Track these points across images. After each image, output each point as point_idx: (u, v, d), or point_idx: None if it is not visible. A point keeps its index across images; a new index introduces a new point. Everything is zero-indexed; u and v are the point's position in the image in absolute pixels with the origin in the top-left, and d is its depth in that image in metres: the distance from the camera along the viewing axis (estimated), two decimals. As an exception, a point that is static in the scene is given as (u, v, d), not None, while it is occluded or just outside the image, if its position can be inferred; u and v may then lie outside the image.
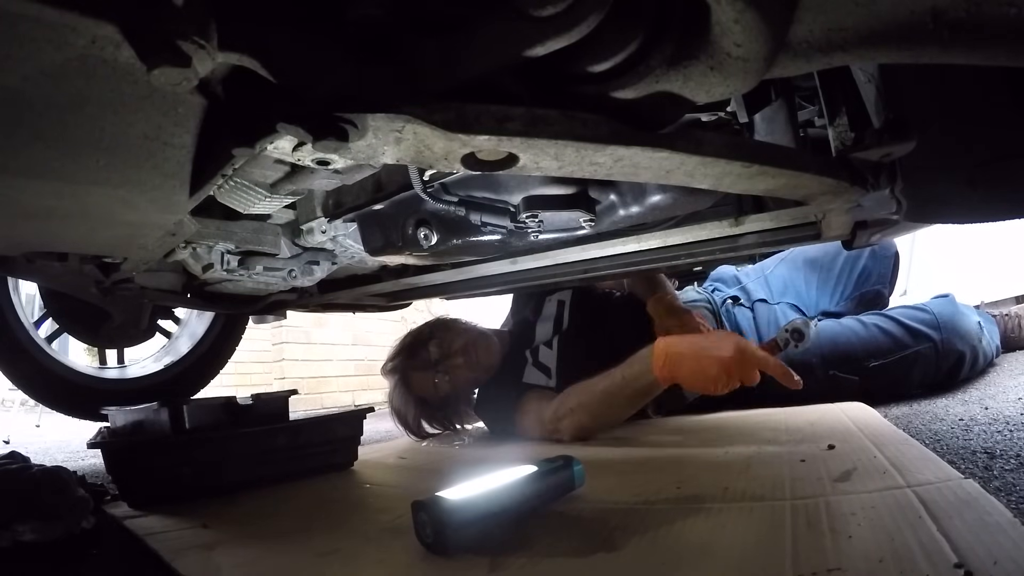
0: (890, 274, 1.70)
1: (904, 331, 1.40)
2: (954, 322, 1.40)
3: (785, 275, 1.76)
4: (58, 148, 0.53)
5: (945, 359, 1.38)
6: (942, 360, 1.38)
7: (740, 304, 1.69)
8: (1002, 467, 0.68)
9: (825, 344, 1.43)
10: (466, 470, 0.70)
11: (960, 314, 1.43)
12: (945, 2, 0.38)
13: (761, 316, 1.63)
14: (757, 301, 1.68)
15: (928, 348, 1.37)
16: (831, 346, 1.43)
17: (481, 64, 0.45)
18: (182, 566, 0.61)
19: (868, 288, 1.68)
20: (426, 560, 0.57)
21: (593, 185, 0.82)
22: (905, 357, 1.37)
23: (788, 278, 1.75)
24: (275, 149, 0.55)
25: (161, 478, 0.94)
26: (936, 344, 1.37)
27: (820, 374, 1.40)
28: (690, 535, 0.56)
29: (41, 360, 1.44)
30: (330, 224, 0.96)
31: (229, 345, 1.80)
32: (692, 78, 0.47)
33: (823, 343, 1.43)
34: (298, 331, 4.31)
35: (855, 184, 0.68)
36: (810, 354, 1.42)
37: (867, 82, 0.64)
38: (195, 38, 0.36)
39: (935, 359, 1.37)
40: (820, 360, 1.42)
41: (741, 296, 1.72)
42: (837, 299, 1.70)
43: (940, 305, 1.45)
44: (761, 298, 1.70)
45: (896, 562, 0.43)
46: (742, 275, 1.82)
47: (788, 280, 1.75)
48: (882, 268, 1.68)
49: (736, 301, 1.69)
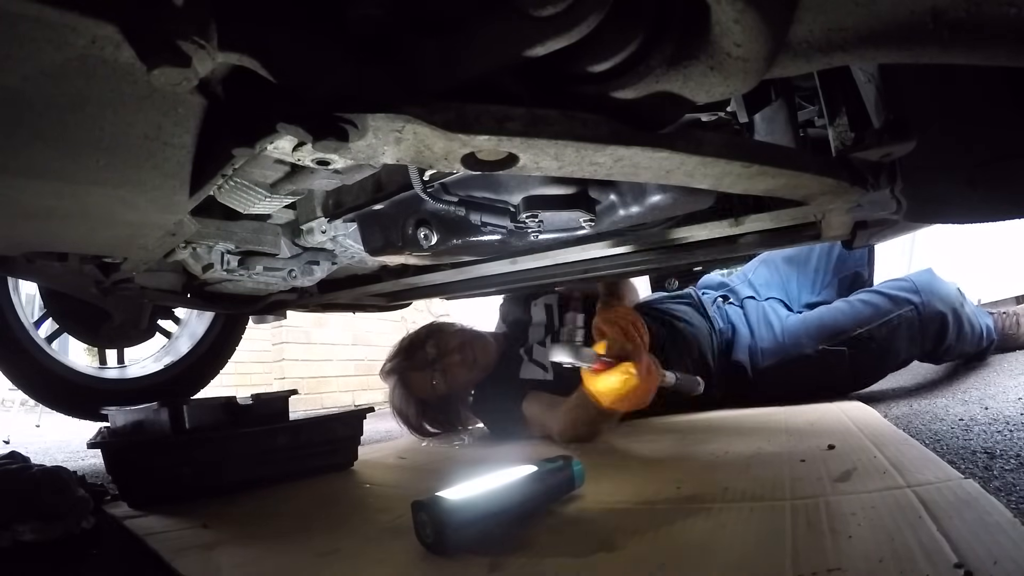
0: (866, 256, 1.75)
1: (886, 299, 1.47)
2: (932, 285, 1.47)
3: (766, 274, 1.83)
4: (58, 148, 0.53)
5: (929, 323, 1.43)
6: (925, 323, 1.43)
7: (730, 302, 1.76)
8: (1002, 467, 0.68)
9: (812, 326, 1.51)
10: (466, 470, 0.70)
11: (938, 280, 1.50)
12: (945, 2, 0.38)
13: (751, 311, 1.69)
14: (746, 298, 1.75)
15: (910, 311, 1.43)
16: (818, 325, 1.51)
17: (481, 64, 0.45)
18: (182, 566, 0.61)
19: (846, 272, 1.74)
20: (426, 560, 0.57)
21: (593, 185, 0.82)
22: (888, 322, 1.43)
23: (769, 277, 1.82)
24: (275, 149, 0.55)
25: (161, 478, 0.94)
26: (917, 307, 1.43)
27: (811, 352, 1.48)
28: (690, 535, 0.56)
29: (41, 360, 1.44)
30: (330, 224, 0.96)
31: (229, 345, 1.80)
32: (692, 78, 0.47)
33: (810, 326, 1.52)
34: (298, 331, 4.31)
35: (855, 184, 0.68)
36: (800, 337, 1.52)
37: (867, 82, 0.64)
38: (195, 38, 0.36)
39: (918, 322, 1.43)
40: (809, 340, 1.50)
41: (730, 295, 1.79)
42: (818, 288, 1.76)
43: (918, 274, 1.52)
44: (749, 295, 1.76)
45: (896, 562, 0.43)
46: (728, 279, 1.91)
47: (769, 279, 1.82)
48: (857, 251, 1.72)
49: (726, 299, 1.77)
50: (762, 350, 1.58)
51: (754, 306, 1.71)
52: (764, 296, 1.77)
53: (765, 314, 1.65)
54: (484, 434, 1.58)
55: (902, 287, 1.48)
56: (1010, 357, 1.69)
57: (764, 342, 1.59)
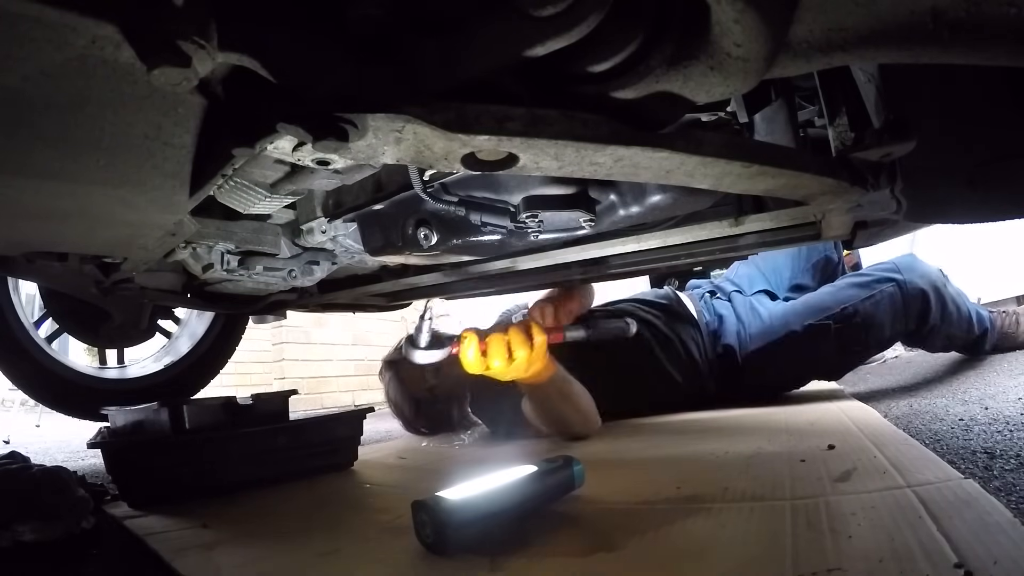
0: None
1: (869, 279, 1.54)
2: (912, 264, 1.54)
3: (747, 271, 1.92)
4: (58, 148, 0.53)
5: (911, 300, 1.49)
6: (908, 300, 1.49)
7: (717, 297, 1.83)
8: (1002, 467, 0.68)
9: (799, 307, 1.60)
10: (466, 470, 0.70)
11: (919, 261, 1.57)
12: (945, 2, 0.38)
13: (739, 304, 1.75)
14: (733, 292, 1.82)
15: (891, 287, 1.50)
16: (803, 306, 1.59)
17: (481, 64, 0.45)
18: (182, 566, 0.61)
19: (817, 257, 1.85)
20: (426, 560, 0.57)
21: (593, 185, 0.82)
22: (871, 297, 1.50)
23: (750, 273, 1.90)
24: (275, 149, 0.55)
25: (161, 478, 0.94)
26: (899, 283, 1.49)
27: (797, 327, 1.55)
28: (690, 535, 0.56)
29: (41, 360, 1.44)
30: (330, 224, 0.96)
31: (229, 345, 1.80)
32: (692, 78, 0.47)
33: (797, 307, 1.62)
34: (298, 331, 4.31)
35: (855, 184, 0.68)
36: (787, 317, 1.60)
37: (867, 82, 0.64)
38: (195, 38, 0.36)
39: (901, 298, 1.49)
40: (796, 318, 1.57)
41: (717, 291, 1.86)
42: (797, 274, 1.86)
43: (900, 257, 1.60)
44: (736, 290, 1.83)
45: (896, 562, 0.43)
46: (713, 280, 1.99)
47: (751, 274, 1.90)
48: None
49: (713, 295, 1.84)
50: (750, 334, 1.63)
51: (742, 299, 1.77)
52: (750, 292, 1.83)
53: (752, 304, 1.72)
54: (484, 434, 1.58)
55: (884, 267, 1.55)
56: (1010, 357, 1.69)
57: (752, 327, 1.64)
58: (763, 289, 1.83)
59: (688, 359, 1.63)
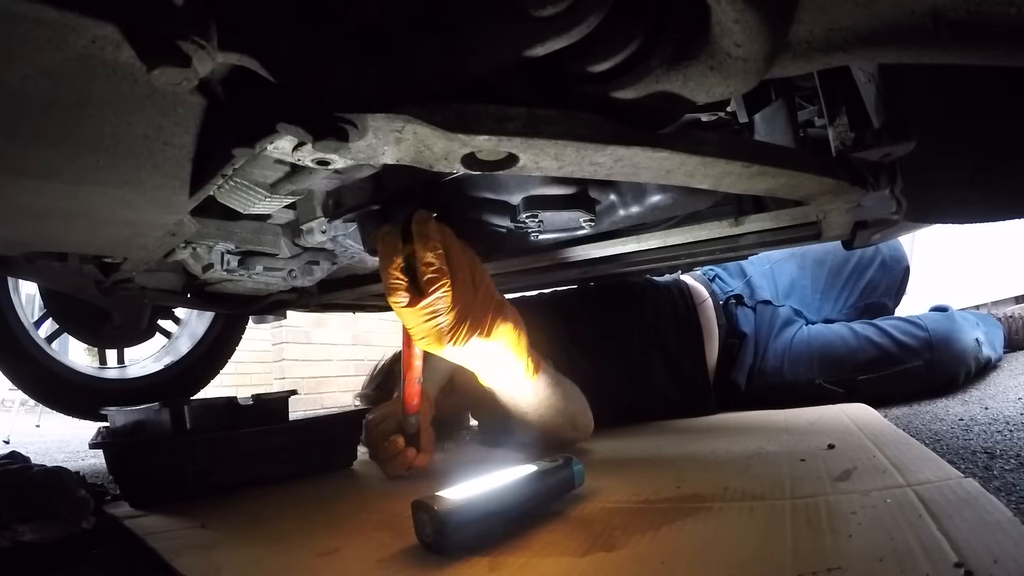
0: (898, 287, 1.64)
1: (895, 345, 1.34)
2: (949, 341, 1.33)
3: (793, 273, 1.67)
4: (58, 148, 0.53)
5: (936, 379, 1.32)
6: (933, 379, 1.32)
7: (743, 304, 1.60)
8: (1002, 467, 0.68)
9: (815, 354, 1.40)
10: (466, 470, 0.70)
11: (957, 332, 1.36)
12: (945, 2, 0.38)
13: (763, 317, 1.56)
14: (760, 303, 1.60)
15: (919, 367, 1.31)
16: (820, 355, 1.40)
17: (481, 64, 0.46)
18: (182, 566, 0.61)
19: (874, 300, 1.62)
20: (426, 560, 0.57)
21: (593, 185, 0.82)
22: (894, 374, 1.32)
23: (796, 276, 1.67)
24: (275, 149, 0.55)
25: (163, 478, 0.94)
26: (928, 364, 1.31)
27: (806, 384, 1.38)
28: (690, 534, 0.56)
29: (41, 360, 1.44)
30: (330, 224, 0.96)
31: (229, 345, 1.80)
32: (692, 78, 0.47)
33: (813, 353, 1.41)
34: (298, 331, 4.31)
35: (855, 184, 0.68)
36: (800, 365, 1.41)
37: (867, 82, 0.64)
38: (195, 38, 0.36)
39: (927, 378, 1.32)
40: (808, 370, 1.39)
41: (744, 294, 1.63)
42: (841, 306, 1.64)
43: (936, 321, 1.37)
44: (765, 299, 1.61)
45: (896, 561, 0.43)
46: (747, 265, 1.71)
47: (795, 279, 1.68)
48: (890, 280, 1.62)
49: (740, 300, 1.61)
50: (760, 370, 1.48)
51: (768, 312, 1.56)
52: (781, 302, 1.63)
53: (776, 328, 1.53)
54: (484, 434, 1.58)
55: (916, 336, 1.34)
56: (1010, 357, 1.69)
57: (766, 363, 1.48)
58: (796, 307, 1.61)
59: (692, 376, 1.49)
